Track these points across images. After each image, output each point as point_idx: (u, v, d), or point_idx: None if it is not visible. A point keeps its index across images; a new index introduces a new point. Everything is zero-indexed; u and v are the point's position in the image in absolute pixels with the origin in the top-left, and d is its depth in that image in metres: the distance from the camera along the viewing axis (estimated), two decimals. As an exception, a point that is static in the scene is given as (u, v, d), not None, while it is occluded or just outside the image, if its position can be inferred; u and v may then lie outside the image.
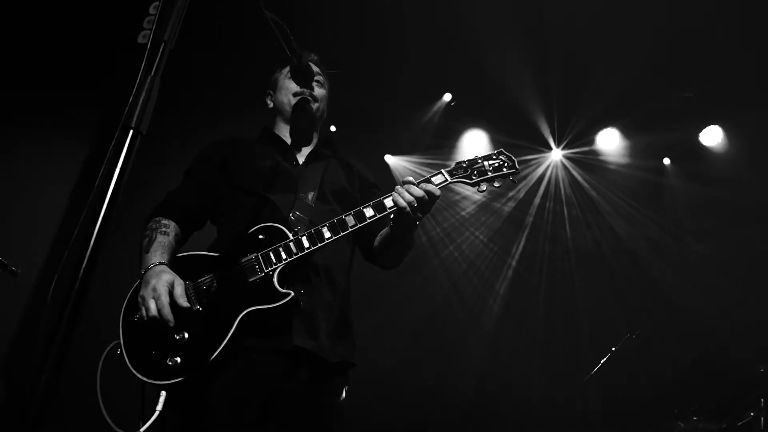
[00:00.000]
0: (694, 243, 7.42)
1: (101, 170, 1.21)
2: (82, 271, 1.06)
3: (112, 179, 1.19)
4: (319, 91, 2.71)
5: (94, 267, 1.08)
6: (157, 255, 2.23)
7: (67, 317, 1.06)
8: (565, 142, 7.64)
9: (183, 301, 2.07)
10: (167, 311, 2.04)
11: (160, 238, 2.31)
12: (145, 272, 2.16)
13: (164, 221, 2.40)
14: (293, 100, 2.66)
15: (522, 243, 8.04)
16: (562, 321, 7.51)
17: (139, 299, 2.10)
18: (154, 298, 2.05)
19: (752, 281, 6.61)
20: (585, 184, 7.87)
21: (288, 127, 2.71)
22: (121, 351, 2.13)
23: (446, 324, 7.64)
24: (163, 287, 2.07)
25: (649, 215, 7.70)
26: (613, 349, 5.64)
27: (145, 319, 2.05)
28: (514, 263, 7.99)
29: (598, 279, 7.59)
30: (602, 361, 5.62)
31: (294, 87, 2.66)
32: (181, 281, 2.14)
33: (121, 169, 1.20)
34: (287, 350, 2.14)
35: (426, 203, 2.18)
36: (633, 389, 6.34)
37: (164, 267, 2.18)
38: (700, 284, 6.92)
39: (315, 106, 2.68)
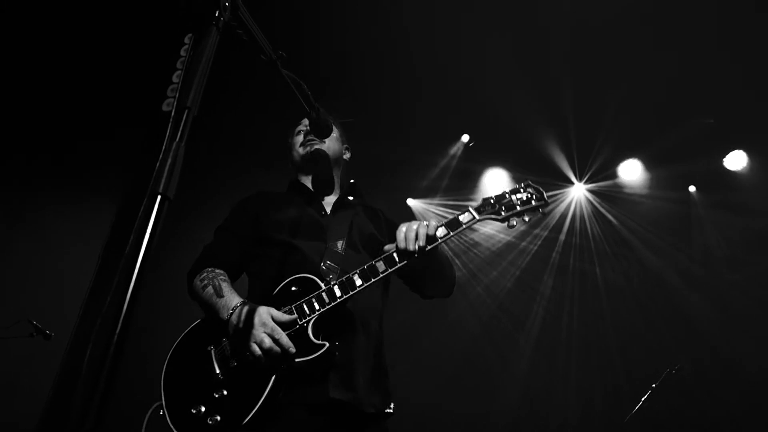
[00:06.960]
0: (727, 272, 7.23)
1: (131, 237, 1.23)
2: (115, 340, 1.07)
3: (142, 246, 1.20)
4: (327, 141, 2.76)
5: (126, 335, 1.09)
6: (235, 295, 2.24)
7: (103, 384, 1.06)
8: (587, 176, 7.61)
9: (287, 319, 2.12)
10: (286, 339, 2.06)
11: (225, 284, 2.30)
12: (234, 311, 2.14)
13: (218, 270, 2.39)
14: (301, 152, 2.77)
15: (551, 280, 7.92)
16: (597, 359, 7.32)
17: (252, 337, 2.06)
18: (266, 332, 2.05)
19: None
20: (610, 217, 7.78)
21: (309, 179, 2.78)
22: (163, 412, 2.13)
23: (478, 366, 7.49)
24: (269, 320, 2.09)
25: (678, 245, 7.55)
26: (654, 385, 5.42)
27: (258, 353, 2.03)
28: (543, 302, 7.86)
29: (631, 313, 7.41)
30: (643, 399, 5.39)
31: (299, 139, 2.80)
32: (276, 311, 2.15)
33: (150, 234, 1.22)
34: (324, 403, 2.10)
35: (426, 243, 2.20)
36: (677, 427, 6.09)
37: (253, 304, 2.17)
38: (735, 315, 6.72)
39: (321, 150, 2.74)
